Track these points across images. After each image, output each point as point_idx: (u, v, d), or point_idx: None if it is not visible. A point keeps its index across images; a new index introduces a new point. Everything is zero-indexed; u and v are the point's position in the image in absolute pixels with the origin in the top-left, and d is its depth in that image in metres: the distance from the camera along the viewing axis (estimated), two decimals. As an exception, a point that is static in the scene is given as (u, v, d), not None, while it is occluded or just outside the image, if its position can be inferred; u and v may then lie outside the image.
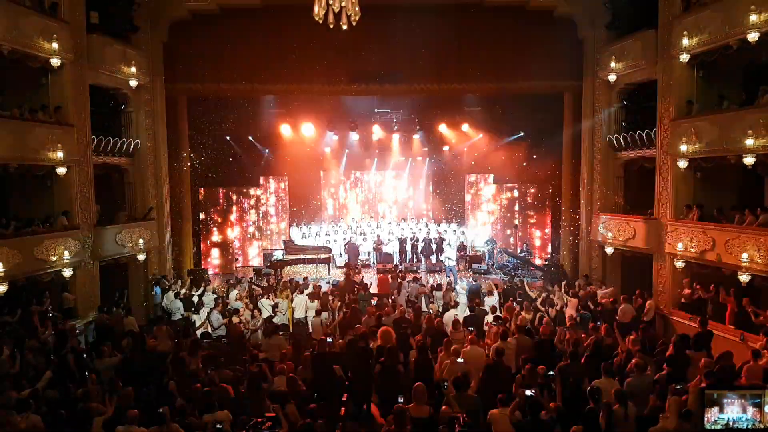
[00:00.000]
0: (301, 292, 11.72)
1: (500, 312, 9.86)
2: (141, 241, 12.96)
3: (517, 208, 19.90)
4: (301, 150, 20.05)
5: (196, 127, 16.69)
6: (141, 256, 12.91)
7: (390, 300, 11.51)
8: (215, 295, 12.08)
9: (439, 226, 20.11)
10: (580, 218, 15.14)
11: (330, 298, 11.56)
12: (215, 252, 18.96)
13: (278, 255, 17.51)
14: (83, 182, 11.59)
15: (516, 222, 19.47)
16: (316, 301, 11.19)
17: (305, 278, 14.51)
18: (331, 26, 6.11)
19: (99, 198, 12.24)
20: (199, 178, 17.57)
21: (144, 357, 7.51)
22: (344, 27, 6.20)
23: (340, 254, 18.91)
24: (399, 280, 12.87)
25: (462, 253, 18.57)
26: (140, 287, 13.25)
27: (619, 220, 13.15)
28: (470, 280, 14.05)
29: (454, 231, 19.83)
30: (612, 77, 13.41)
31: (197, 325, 10.76)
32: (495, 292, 11.92)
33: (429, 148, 20.86)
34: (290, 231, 20.36)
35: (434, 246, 18.08)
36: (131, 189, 14.02)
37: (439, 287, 12.36)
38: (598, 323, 9.04)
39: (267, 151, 19.72)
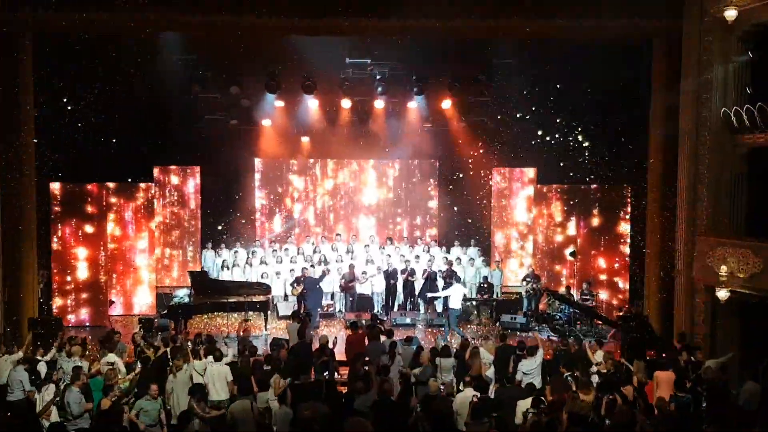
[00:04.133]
0: (218, 359, 11.37)
1: (544, 390, 10.00)
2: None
3: (573, 224, 19.93)
4: (223, 125, 20.16)
5: (50, 85, 16.64)
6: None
7: (368, 369, 11.26)
8: (76, 363, 11.55)
9: (448, 252, 20.19)
10: (676, 242, 15.23)
11: (275, 377, 11.09)
12: (80, 291, 18.46)
13: (181, 296, 17.25)
14: None
15: (571, 250, 19.44)
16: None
17: (227, 335, 14.41)
18: None
19: None
20: (51, 169, 17.49)
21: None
22: None
23: (286, 296, 18.91)
24: (391, 340, 12.76)
25: (485, 296, 18.48)
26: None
27: (741, 246, 13.08)
28: (493, 338, 13.83)
29: (472, 260, 19.82)
30: (731, 13, 13.18)
31: (40, 408, 10.44)
32: (538, 354, 11.86)
33: (433, 126, 21.01)
34: (202, 257, 20.40)
35: (441, 283, 18.31)
36: None
37: (446, 351, 12.08)
38: (707, 412, 9.09)
39: (167, 125, 19.68)
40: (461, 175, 21.35)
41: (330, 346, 12.84)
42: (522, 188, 20.82)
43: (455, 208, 21.55)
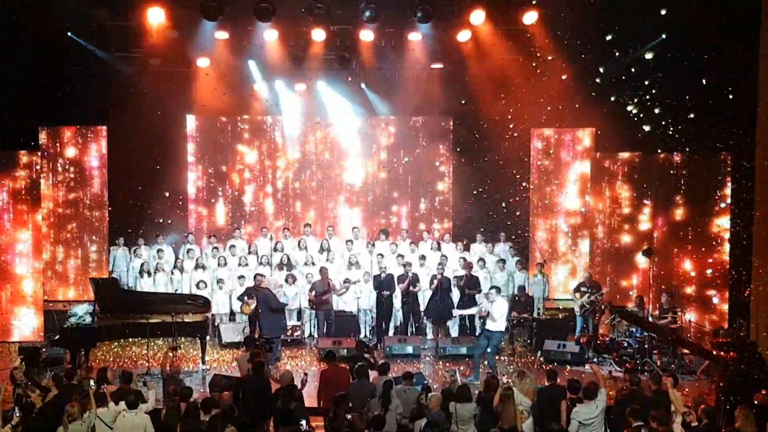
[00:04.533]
0: (133, 405, 11.33)
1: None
2: None
3: (647, 212, 20.00)
4: (140, 66, 20.07)
5: None
6: None
7: (352, 419, 11.27)
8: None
9: (466, 250, 20.24)
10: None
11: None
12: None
13: (81, 315, 17.16)
14: None
15: (645, 248, 19.37)
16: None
17: (148, 370, 14.36)
18: None
19: None
20: None
21: None
22: None
23: (233, 315, 19.02)
24: (385, 378, 12.68)
25: (522, 314, 18.52)
26: None
27: None
28: (531, 375, 13.74)
29: (501, 262, 19.84)
30: None
31: None
32: (600, 397, 11.82)
33: (446, 67, 20.96)
34: (111, 259, 20.49)
35: (456, 294, 18.35)
36: None
37: (464, 394, 12.09)
38: None
39: (60, 67, 19.64)
40: (486, 141, 21.32)
41: (298, 385, 12.69)
42: (574, 159, 20.84)
43: (477, 188, 21.51)
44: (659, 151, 19.85)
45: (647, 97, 19.32)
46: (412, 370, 13.70)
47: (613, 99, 19.58)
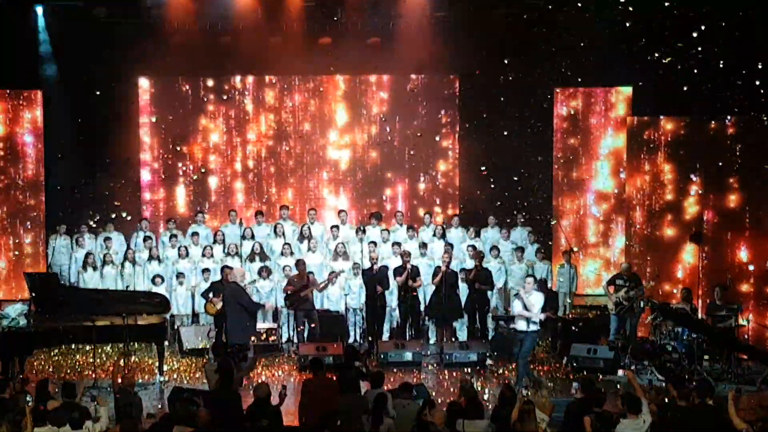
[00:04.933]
0: (76, 425, 11.24)
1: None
2: None
3: (695, 190, 19.95)
4: (83, 17, 20.14)
5: None
6: None
7: None
8: None
9: (476, 236, 20.25)
10: None
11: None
12: None
13: (13, 317, 17.16)
14: None
15: (692, 234, 19.42)
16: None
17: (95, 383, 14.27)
18: None
19: None
20: None
21: None
22: None
23: (196, 316, 19.20)
24: (378, 390, 12.55)
25: (548, 312, 17.95)
26: None
27: None
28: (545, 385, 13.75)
29: (518, 250, 19.81)
30: None
31: None
32: (645, 412, 11.70)
33: (450, 15, 21.02)
34: (49, 250, 20.43)
35: (462, 291, 18.44)
36: None
37: (474, 408, 12.06)
38: None
39: None
40: (499, 102, 21.28)
41: (274, 401, 12.65)
42: (606, 125, 20.91)
43: (489, 162, 21.55)
44: (708, 116, 19.78)
45: (693, 54, 19.30)
46: (412, 381, 13.71)
47: (653, 54, 19.58)
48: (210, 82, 21.99)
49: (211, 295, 18.15)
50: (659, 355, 17.05)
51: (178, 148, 22.08)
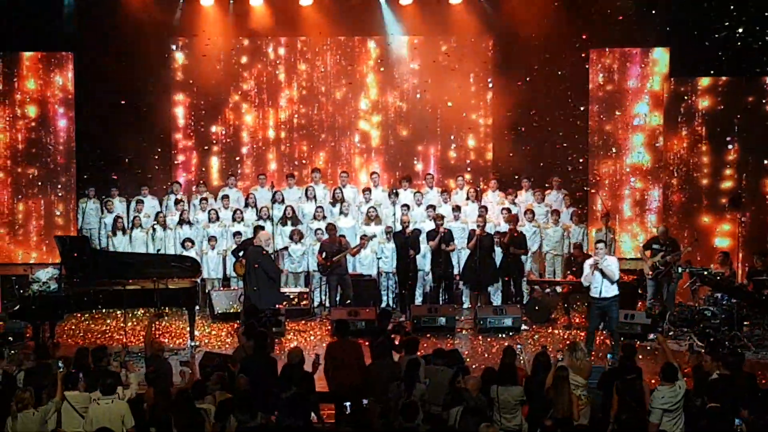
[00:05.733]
0: (108, 391, 11.18)
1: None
2: None
3: (734, 152, 19.75)
4: None
5: None
6: None
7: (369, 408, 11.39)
8: None
9: (512, 199, 20.11)
10: None
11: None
12: None
13: (44, 281, 17.16)
14: None
15: (731, 197, 19.28)
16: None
17: (123, 348, 14.27)
18: None
19: None
20: None
21: None
22: None
23: (227, 280, 19.26)
24: (410, 356, 12.56)
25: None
26: None
27: None
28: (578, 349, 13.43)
29: (553, 213, 19.68)
30: None
31: None
32: (680, 378, 11.64)
33: None
34: (79, 213, 20.43)
35: (497, 254, 18.45)
36: None
37: (507, 374, 11.90)
38: None
39: None
40: (534, 64, 21.14)
41: (308, 368, 12.69)
42: (644, 85, 20.70)
43: (523, 125, 21.39)
44: (750, 75, 19.70)
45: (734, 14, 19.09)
46: (445, 347, 13.65)
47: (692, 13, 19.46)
48: (243, 44, 21.89)
49: (241, 254, 18.11)
50: (698, 321, 17.01)
51: (210, 112, 22.01)
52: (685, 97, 19.97)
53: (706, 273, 17.51)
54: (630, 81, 20.78)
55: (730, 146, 19.63)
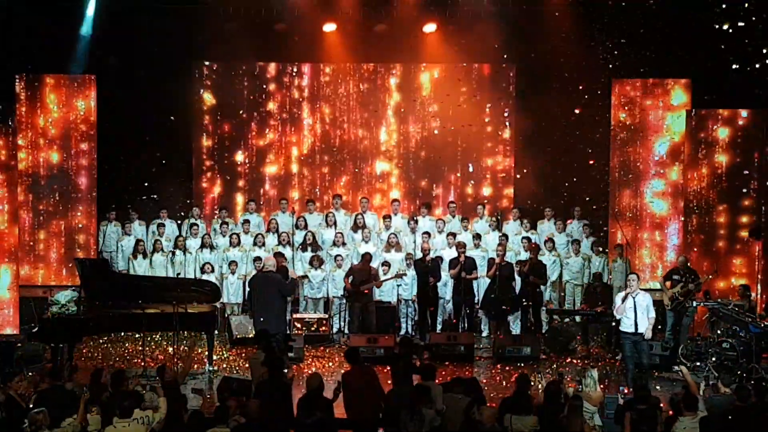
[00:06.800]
0: (126, 413, 11.10)
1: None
2: None
3: (752, 185, 19.54)
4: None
5: None
6: None
7: None
8: None
9: (532, 228, 20.17)
10: None
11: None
12: None
13: (64, 303, 17.12)
14: None
15: (751, 229, 19.08)
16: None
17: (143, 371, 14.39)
18: None
19: None
20: None
21: None
22: None
23: (245, 307, 19.04)
24: (426, 383, 12.41)
25: (599, 307, 18.26)
26: None
27: None
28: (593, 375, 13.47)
29: (574, 243, 19.72)
30: None
31: None
32: (701, 409, 11.64)
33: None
34: (100, 235, 20.52)
35: (519, 283, 18.37)
36: None
37: (522, 403, 11.90)
38: None
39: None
40: (556, 91, 21.13)
41: (327, 395, 12.56)
42: (664, 115, 20.59)
43: (545, 153, 21.42)
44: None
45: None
46: (464, 375, 13.71)
47: (715, 44, 19.29)
48: (265, 69, 21.99)
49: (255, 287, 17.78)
50: (715, 354, 16.85)
51: (233, 134, 22.12)
52: (707, 129, 19.85)
53: (718, 306, 17.40)
54: (651, 112, 20.71)
55: (749, 178, 19.49)
